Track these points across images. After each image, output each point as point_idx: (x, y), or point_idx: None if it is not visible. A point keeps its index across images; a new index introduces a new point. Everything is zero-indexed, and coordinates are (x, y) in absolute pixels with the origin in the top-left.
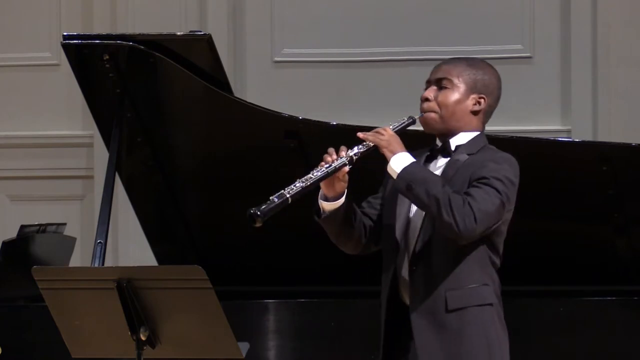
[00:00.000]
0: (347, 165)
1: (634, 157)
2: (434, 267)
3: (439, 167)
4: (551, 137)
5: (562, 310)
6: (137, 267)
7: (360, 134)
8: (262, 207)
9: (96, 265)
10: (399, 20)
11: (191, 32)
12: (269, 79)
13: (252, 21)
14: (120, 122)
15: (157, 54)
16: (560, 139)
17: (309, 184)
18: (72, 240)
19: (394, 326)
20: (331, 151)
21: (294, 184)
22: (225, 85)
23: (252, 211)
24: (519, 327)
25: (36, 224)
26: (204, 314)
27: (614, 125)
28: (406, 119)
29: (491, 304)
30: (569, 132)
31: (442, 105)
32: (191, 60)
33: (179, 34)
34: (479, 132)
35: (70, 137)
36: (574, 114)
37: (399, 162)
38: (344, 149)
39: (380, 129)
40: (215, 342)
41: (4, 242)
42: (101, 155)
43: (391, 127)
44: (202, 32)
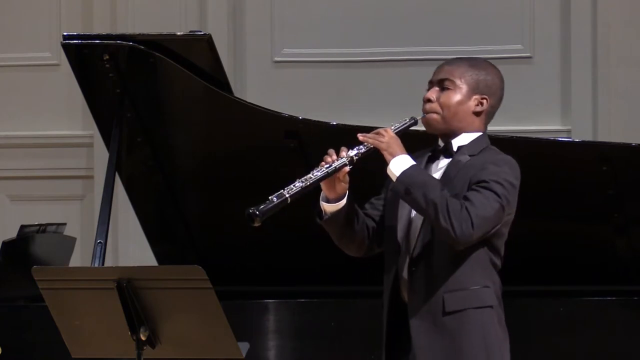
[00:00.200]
0: (347, 165)
1: (634, 157)
2: (434, 269)
3: (441, 167)
4: (551, 137)
5: (562, 310)
6: (137, 267)
7: (360, 136)
8: (261, 206)
9: (96, 265)
10: (399, 20)
11: (191, 32)
12: (269, 79)
13: (252, 21)
14: (120, 122)
15: (157, 54)
16: (560, 139)
17: (308, 184)
18: (72, 240)
19: (395, 327)
20: (331, 152)
21: (294, 184)
22: (225, 85)
23: (250, 211)
24: (519, 327)
25: (36, 224)
26: (204, 314)
27: (614, 125)
28: (408, 119)
29: (491, 307)
30: (569, 132)
31: (444, 106)
32: (191, 60)
33: (179, 34)
34: (481, 133)
35: (70, 137)
36: (574, 114)
37: (399, 165)
38: (344, 149)
39: (381, 130)
40: (215, 342)
41: (4, 242)
42: (101, 155)
43: (392, 127)
44: (202, 32)
